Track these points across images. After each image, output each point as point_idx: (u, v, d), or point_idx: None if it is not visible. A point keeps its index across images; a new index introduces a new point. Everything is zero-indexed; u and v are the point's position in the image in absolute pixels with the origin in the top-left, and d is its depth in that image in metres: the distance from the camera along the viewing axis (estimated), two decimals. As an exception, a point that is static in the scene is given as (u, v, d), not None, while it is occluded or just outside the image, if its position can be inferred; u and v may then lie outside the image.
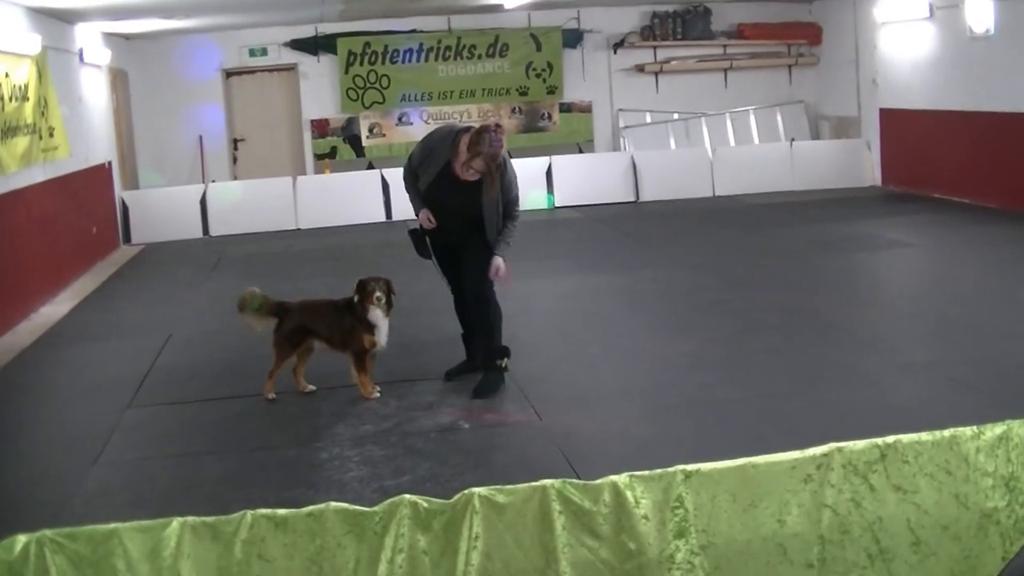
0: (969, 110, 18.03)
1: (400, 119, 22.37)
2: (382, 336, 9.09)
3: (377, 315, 9.03)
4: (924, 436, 5.18)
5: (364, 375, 9.17)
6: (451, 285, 9.62)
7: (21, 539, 4.56)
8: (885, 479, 5.09)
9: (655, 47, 22.87)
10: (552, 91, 22.78)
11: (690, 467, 4.92)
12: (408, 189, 9.32)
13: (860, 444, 5.10)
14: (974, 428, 5.21)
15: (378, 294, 8.98)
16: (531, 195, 20.10)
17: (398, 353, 10.42)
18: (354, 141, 22.34)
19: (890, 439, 5.13)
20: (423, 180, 9.07)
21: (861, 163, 21.44)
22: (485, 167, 8.67)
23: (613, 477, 4.85)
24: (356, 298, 9.08)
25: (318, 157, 22.29)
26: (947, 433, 5.19)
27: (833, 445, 5.06)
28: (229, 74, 22.38)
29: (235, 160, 22.57)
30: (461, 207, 8.96)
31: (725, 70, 23.09)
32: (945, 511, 5.12)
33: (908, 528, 5.08)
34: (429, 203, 9.11)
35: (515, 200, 9.08)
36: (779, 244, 15.66)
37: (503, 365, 9.26)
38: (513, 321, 11.32)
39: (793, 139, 22.36)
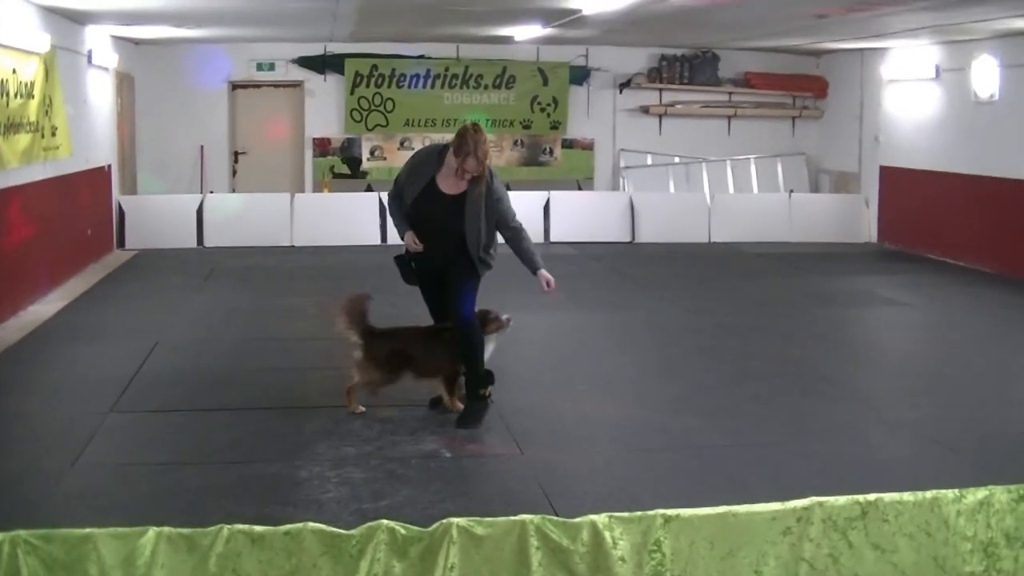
0: (970, 173, 18.10)
1: (402, 143, 22.37)
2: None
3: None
4: (906, 496, 5.18)
5: (454, 397, 9.24)
6: (434, 313, 9.50)
7: (-6, 537, 4.55)
8: (864, 536, 5.09)
9: (661, 89, 22.93)
10: (556, 126, 22.82)
11: (670, 511, 4.92)
12: (393, 213, 9.27)
13: (841, 500, 5.10)
14: (956, 491, 5.21)
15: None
16: (528, 228, 20.25)
17: (385, 376, 10.43)
18: (352, 163, 22.32)
19: (871, 497, 5.13)
20: (407, 196, 9.04)
21: (858, 219, 21.49)
22: (478, 164, 8.70)
23: (592, 516, 4.84)
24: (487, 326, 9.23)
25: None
26: (929, 495, 5.20)
27: (814, 499, 5.06)
28: (235, 86, 22.40)
29: (235, 173, 22.56)
30: (445, 222, 8.94)
31: (729, 117, 23.15)
32: (923, 572, 5.12)
33: (884, 587, 5.08)
34: (414, 221, 9.06)
35: (510, 213, 9.12)
36: (772, 294, 15.68)
37: (487, 394, 9.23)
38: (502, 353, 11.28)
39: (792, 191, 22.40)
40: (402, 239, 9.19)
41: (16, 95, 13.32)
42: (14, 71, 13.25)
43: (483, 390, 9.19)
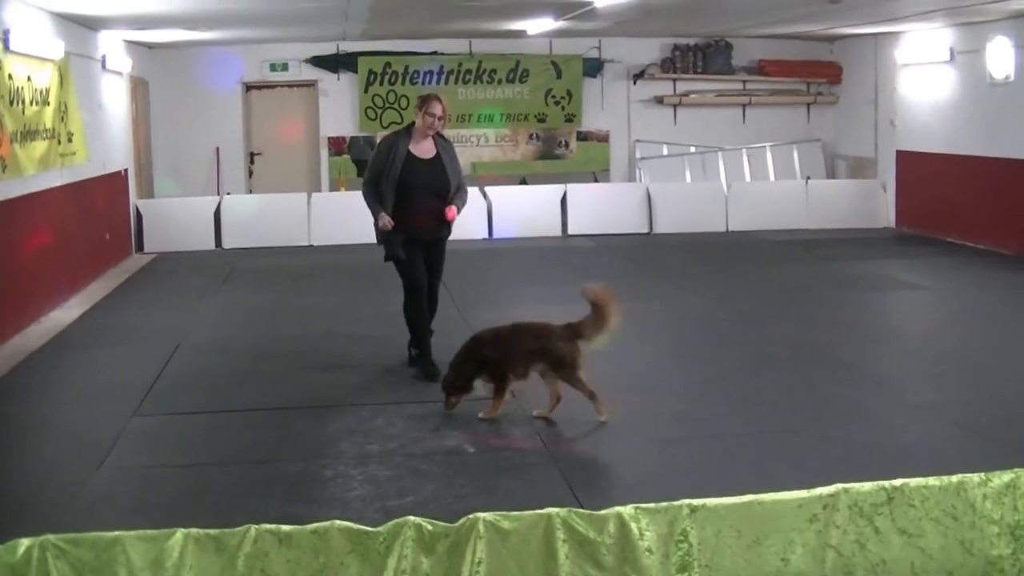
0: (986, 155, 18.02)
1: (418, 139, 22.35)
2: None
3: None
4: (931, 481, 5.17)
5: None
6: (417, 284, 10.41)
7: (24, 543, 4.57)
8: (891, 522, 5.08)
9: (675, 79, 22.90)
10: (570, 119, 22.80)
11: (696, 501, 4.91)
12: (369, 199, 10.33)
13: (867, 486, 5.09)
14: (982, 475, 5.20)
15: None
16: (545, 221, 20.43)
17: (407, 373, 10.45)
18: (361, 165, 22.32)
19: (897, 482, 5.12)
20: (391, 175, 10.14)
21: (876, 204, 21.43)
22: (442, 107, 10.17)
23: (619, 508, 4.84)
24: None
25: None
26: (955, 479, 5.18)
27: (840, 486, 5.05)
28: (249, 87, 22.43)
29: (251, 174, 22.59)
30: (431, 182, 10.21)
31: (744, 105, 23.10)
32: (950, 557, 5.11)
33: (912, 572, 5.07)
34: (408, 194, 10.14)
35: (464, 183, 10.50)
36: (791, 281, 15.65)
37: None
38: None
39: (809, 177, 22.36)
40: (377, 223, 10.22)
41: (32, 102, 13.36)
42: (29, 78, 13.29)
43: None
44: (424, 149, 10.27)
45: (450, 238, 10.66)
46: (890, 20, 18.28)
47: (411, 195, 10.16)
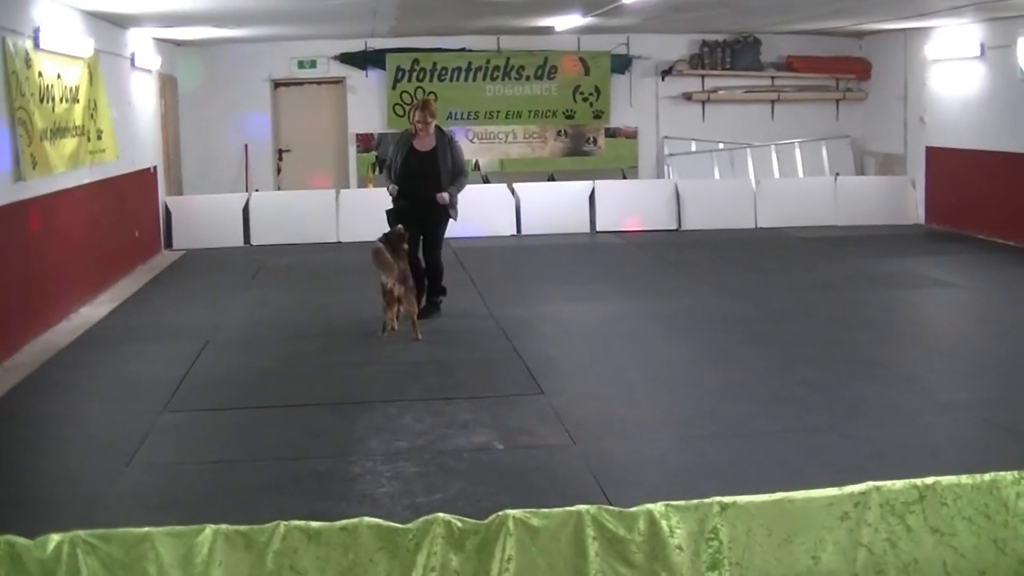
0: (1017, 151, 17.89)
1: (447, 137, 22.37)
2: None
3: None
4: (964, 479, 5.13)
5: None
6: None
7: (54, 538, 4.57)
8: (923, 520, 5.03)
9: (703, 76, 22.84)
10: (599, 115, 22.76)
11: (726, 499, 4.88)
12: (382, 176, 13.62)
13: (899, 484, 5.05)
14: (1015, 473, 5.15)
15: None
16: (573, 218, 20.43)
17: (435, 370, 10.44)
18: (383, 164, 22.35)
19: (929, 480, 5.08)
20: (397, 162, 12.76)
21: (905, 200, 21.32)
22: (422, 114, 12.68)
23: (649, 505, 4.81)
24: None
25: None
26: (987, 477, 5.14)
27: (871, 484, 5.01)
28: (277, 84, 22.47)
29: (279, 170, 22.63)
30: (425, 168, 12.64)
31: (772, 102, 23.02)
32: (982, 556, 5.07)
33: (944, 571, 5.03)
34: (404, 176, 12.69)
35: (462, 162, 13.18)
36: (820, 278, 15.58)
37: (439, 301, 12.98)
38: (551, 344, 11.35)
39: (838, 174, 22.25)
40: (388, 190, 12.89)
41: (61, 100, 13.42)
42: (59, 76, 13.34)
43: (437, 299, 12.98)
44: (424, 143, 12.79)
45: (478, 235, 10.77)
46: (920, 15, 18.19)
47: (408, 178, 12.68)
